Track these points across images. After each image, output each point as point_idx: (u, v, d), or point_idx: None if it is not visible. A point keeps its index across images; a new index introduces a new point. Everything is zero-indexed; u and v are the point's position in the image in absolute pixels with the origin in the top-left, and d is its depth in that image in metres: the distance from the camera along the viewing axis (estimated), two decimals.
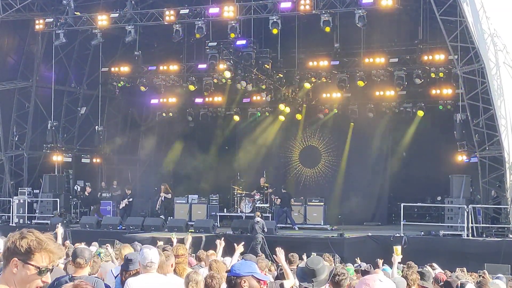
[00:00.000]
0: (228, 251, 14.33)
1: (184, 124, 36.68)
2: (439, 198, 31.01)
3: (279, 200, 30.28)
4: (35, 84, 32.02)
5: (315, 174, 35.55)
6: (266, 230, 25.81)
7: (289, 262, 14.21)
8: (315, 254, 19.14)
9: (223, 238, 14.97)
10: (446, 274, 14.00)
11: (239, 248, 11.60)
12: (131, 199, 31.88)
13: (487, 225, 25.92)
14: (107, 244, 16.22)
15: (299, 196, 31.55)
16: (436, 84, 30.95)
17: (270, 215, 30.23)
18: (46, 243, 3.74)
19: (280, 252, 9.78)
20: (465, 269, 17.24)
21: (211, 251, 13.17)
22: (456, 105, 28.76)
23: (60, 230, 12.93)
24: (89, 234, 26.56)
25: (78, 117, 34.37)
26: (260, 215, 26.75)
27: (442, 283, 10.33)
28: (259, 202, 30.78)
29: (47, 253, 3.74)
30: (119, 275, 8.67)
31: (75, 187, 33.48)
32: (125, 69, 33.35)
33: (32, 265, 3.70)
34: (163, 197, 31.64)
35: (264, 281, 5.59)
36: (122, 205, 31.67)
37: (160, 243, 16.02)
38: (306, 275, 6.28)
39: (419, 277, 9.97)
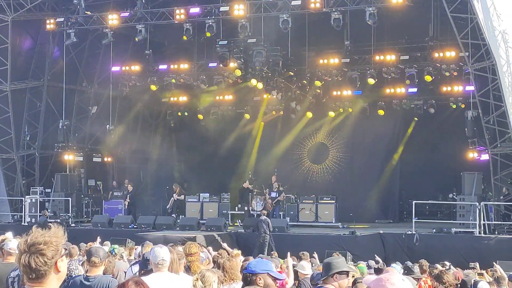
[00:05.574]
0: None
1: (195, 123, 36.74)
2: (450, 195, 30.96)
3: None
4: (46, 83, 32.12)
5: (325, 171, 35.48)
6: (271, 229, 25.41)
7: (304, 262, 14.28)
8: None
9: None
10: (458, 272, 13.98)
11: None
12: (127, 198, 31.74)
13: (499, 222, 25.86)
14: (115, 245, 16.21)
15: (310, 193, 31.52)
16: (447, 81, 30.87)
17: (281, 213, 30.25)
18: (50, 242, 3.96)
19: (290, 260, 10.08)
20: (477, 264, 17.15)
21: (236, 251, 13.26)
22: (467, 102, 28.69)
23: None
24: (101, 232, 26.51)
25: (89, 116, 34.49)
26: (266, 213, 26.68)
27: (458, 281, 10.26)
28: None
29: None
30: (137, 273, 8.71)
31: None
32: (136, 68, 33.40)
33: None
34: (175, 197, 31.65)
35: (282, 280, 5.64)
36: (125, 203, 31.69)
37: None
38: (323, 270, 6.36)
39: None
